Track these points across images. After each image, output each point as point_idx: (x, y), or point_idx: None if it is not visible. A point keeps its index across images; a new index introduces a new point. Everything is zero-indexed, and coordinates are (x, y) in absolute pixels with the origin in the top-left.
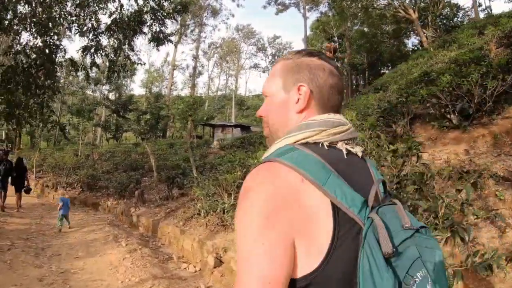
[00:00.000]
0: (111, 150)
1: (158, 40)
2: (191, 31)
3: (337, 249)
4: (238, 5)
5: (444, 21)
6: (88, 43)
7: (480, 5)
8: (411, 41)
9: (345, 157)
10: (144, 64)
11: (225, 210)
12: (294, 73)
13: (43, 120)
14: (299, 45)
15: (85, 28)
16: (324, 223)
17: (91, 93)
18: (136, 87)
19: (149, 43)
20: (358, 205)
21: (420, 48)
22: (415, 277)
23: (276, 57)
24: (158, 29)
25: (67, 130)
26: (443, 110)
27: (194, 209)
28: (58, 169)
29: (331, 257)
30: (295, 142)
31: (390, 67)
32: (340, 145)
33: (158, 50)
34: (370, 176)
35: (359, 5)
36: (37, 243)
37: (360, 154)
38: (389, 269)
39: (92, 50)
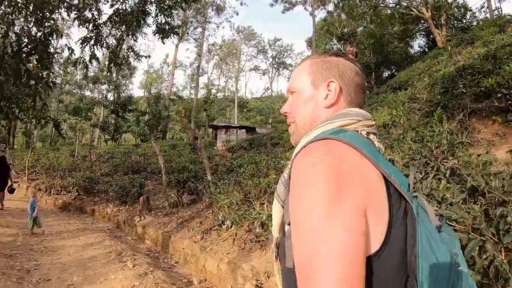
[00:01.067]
0: (110, 151)
1: (164, 32)
2: (194, 28)
3: (394, 225)
4: (241, 3)
5: (455, 22)
6: (87, 33)
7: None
8: (417, 43)
9: (377, 146)
10: (149, 57)
11: (263, 223)
12: (324, 71)
13: (35, 115)
14: (301, 47)
15: (84, 17)
16: (383, 200)
17: (89, 93)
18: (134, 88)
19: (154, 35)
20: (406, 185)
21: (425, 48)
22: (454, 251)
23: (276, 59)
24: (164, 20)
25: (63, 130)
26: (509, 102)
27: (214, 219)
28: (52, 170)
29: (391, 233)
30: (336, 127)
31: (395, 69)
32: (371, 137)
33: (163, 43)
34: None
35: (369, 3)
36: (22, 262)
37: (383, 149)
38: (444, 242)
39: (92, 42)
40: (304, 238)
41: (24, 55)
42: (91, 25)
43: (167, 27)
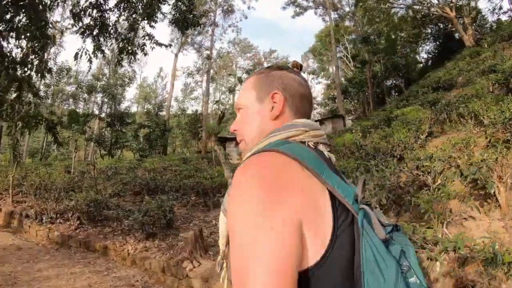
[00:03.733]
0: (112, 166)
1: (184, 22)
2: (199, 33)
3: (338, 238)
4: (249, 7)
5: (480, 22)
6: (90, 21)
7: (501, 7)
8: (425, 48)
9: (327, 157)
10: (170, 46)
11: None
12: (268, 84)
13: (22, 117)
14: (297, 59)
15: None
16: (325, 212)
17: (83, 104)
18: (126, 103)
19: (172, 25)
20: (351, 197)
21: (435, 52)
22: (403, 265)
23: None
24: (184, 8)
25: (57, 130)
26: None
27: None
28: (43, 190)
29: (334, 246)
30: (281, 139)
31: (404, 74)
32: (321, 147)
33: (183, 34)
34: (344, 178)
35: (384, 5)
36: None
37: (334, 159)
38: (391, 255)
39: (96, 31)
40: (236, 249)
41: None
42: (95, 11)
43: (189, 16)
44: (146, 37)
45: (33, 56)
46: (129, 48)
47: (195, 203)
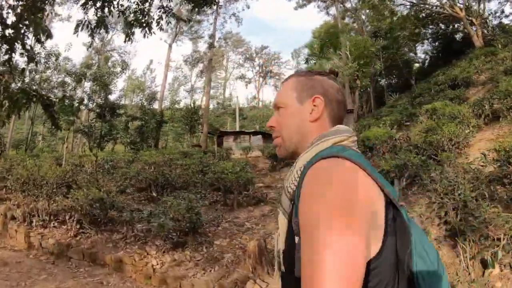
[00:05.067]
0: (108, 159)
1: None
2: (198, 22)
3: (388, 234)
4: None
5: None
6: None
7: (503, 11)
8: (423, 48)
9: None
10: (190, 21)
11: None
12: (309, 88)
13: (10, 95)
14: (287, 56)
15: None
16: (381, 213)
17: (72, 91)
18: (113, 97)
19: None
20: (394, 193)
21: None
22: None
23: (263, 67)
24: None
25: (55, 110)
26: None
27: None
28: (32, 186)
29: (386, 241)
30: (332, 144)
31: (402, 73)
32: (357, 150)
33: (198, 13)
34: None
35: (390, 1)
36: None
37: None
38: (433, 246)
39: (99, 2)
40: (310, 247)
41: None
42: None
43: None
44: (162, 10)
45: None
46: (144, 20)
47: (212, 201)
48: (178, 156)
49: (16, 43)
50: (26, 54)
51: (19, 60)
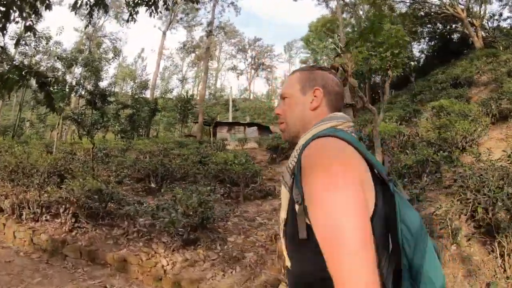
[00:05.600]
0: (102, 147)
1: None
2: (189, 12)
3: (378, 199)
4: None
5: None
6: None
7: (501, 14)
8: (419, 47)
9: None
10: (198, 2)
11: None
12: (311, 80)
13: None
14: (280, 49)
15: None
16: (369, 181)
17: (62, 76)
18: (107, 82)
19: None
20: (384, 171)
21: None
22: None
23: (256, 59)
24: None
25: (51, 89)
26: None
27: None
28: (22, 175)
29: (377, 205)
30: (329, 127)
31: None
32: (354, 134)
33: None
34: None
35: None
36: None
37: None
38: (415, 209)
39: None
40: (327, 209)
41: None
42: None
43: None
44: None
45: None
46: None
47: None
48: (173, 146)
49: (11, 10)
50: (24, 21)
51: (8, 43)
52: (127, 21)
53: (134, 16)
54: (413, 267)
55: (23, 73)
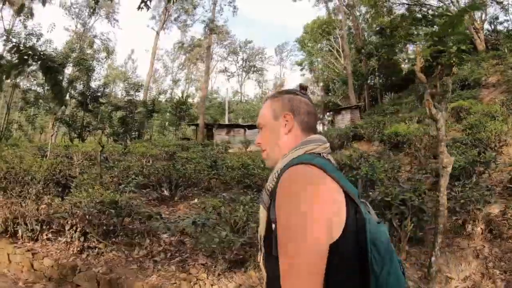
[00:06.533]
0: (97, 151)
1: None
2: (185, 10)
3: (348, 221)
4: None
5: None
6: None
7: (497, 17)
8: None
9: (333, 162)
10: None
11: None
12: (281, 106)
13: None
14: (271, 50)
15: None
16: (342, 207)
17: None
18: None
19: None
20: (356, 194)
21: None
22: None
23: (247, 62)
24: None
25: (60, 76)
26: None
27: None
28: (16, 184)
29: (348, 226)
30: (304, 153)
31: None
32: (329, 157)
33: None
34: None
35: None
36: None
37: (334, 162)
38: (384, 232)
39: None
40: (290, 237)
41: None
42: None
43: None
44: None
45: None
46: None
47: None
48: (174, 149)
49: None
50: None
51: None
52: (138, 7)
53: (148, 2)
54: (379, 281)
55: (25, 54)
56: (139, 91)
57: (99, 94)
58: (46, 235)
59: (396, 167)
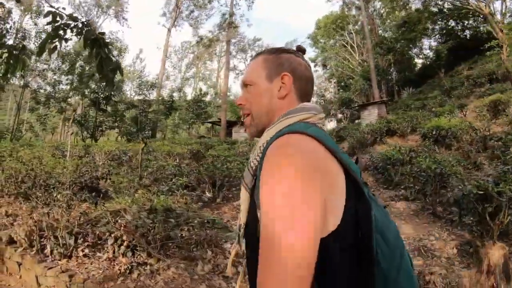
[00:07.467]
0: (122, 150)
1: None
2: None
3: (349, 205)
4: None
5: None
6: None
7: None
8: (428, 43)
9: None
10: None
11: None
12: (278, 65)
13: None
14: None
15: None
16: (341, 186)
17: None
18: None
19: None
20: (357, 172)
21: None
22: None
23: None
24: None
25: (111, 52)
26: None
27: None
28: (37, 188)
29: (347, 211)
30: (298, 121)
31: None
32: (324, 128)
33: None
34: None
35: None
36: None
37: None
38: (394, 223)
39: None
40: (273, 220)
41: None
42: None
43: None
44: None
45: None
46: None
47: None
48: (197, 147)
49: None
50: None
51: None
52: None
53: None
54: (388, 280)
55: (61, 25)
56: (153, 89)
57: (112, 93)
58: (82, 250)
59: (462, 161)
